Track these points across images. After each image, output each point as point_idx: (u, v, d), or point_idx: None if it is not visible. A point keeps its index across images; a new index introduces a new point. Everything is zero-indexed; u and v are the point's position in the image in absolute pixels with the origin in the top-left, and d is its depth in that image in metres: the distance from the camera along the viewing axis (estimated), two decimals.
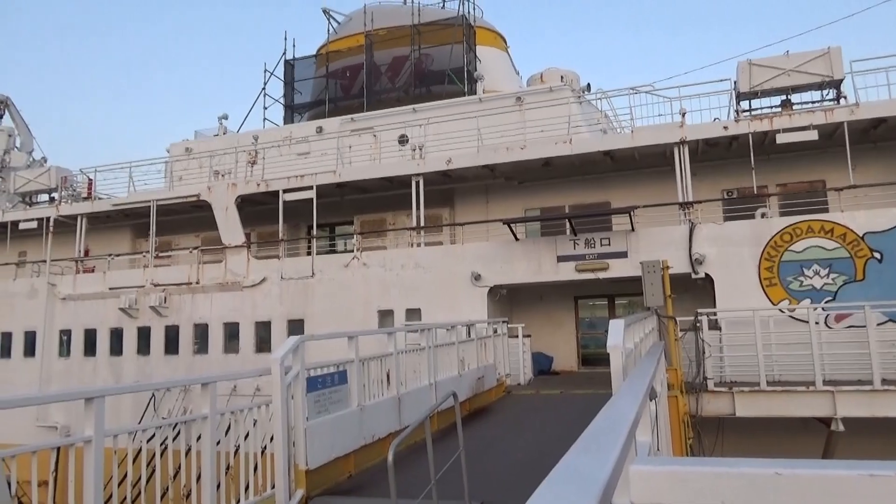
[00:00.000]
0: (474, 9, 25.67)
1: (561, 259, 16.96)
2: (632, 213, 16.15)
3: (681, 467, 1.70)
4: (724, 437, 13.64)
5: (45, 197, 26.61)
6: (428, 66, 24.60)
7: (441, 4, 26.67)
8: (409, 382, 9.67)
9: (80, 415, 4.54)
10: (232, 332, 20.09)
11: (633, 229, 16.43)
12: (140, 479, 5.22)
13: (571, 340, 19.36)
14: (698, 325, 13.67)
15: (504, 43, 27.16)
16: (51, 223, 23.37)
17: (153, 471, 5.76)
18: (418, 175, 18.98)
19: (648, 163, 18.22)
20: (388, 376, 8.96)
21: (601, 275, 16.61)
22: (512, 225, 17.35)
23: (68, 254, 23.46)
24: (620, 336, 5.76)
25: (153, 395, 18.92)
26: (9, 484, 7.01)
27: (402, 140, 21.64)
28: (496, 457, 8.32)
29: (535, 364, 17.26)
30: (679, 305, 13.92)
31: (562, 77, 21.26)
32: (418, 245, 18.85)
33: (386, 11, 26.27)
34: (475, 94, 22.04)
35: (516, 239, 17.53)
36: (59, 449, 5.07)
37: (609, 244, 16.65)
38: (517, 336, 16.39)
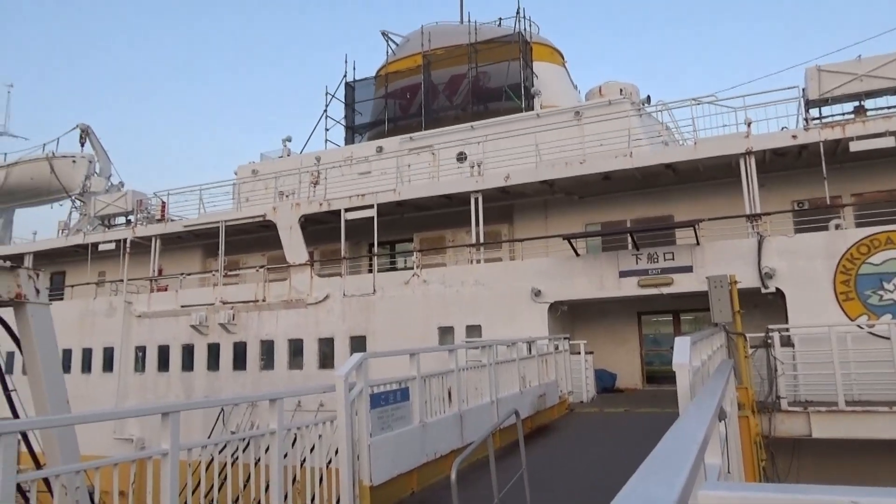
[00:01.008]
0: (530, 25, 25.75)
1: (623, 274, 16.66)
2: (696, 226, 15.75)
3: (752, 493, 1.67)
4: (801, 460, 13.03)
5: (122, 219, 27.99)
6: (485, 84, 24.76)
7: (497, 22, 26.87)
8: (470, 399, 9.68)
9: (154, 428, 4.76)
10: (296, 349, 20.54)
11: (697, 243, 16.01)
12: (212, 488, 5.41)
13: (635, 357, 18.94)
14: (769, 341, 13.16)
15: (561, 58, 27.09)
16: (127, 244, 24.53)
17: (224, 481, 5.96)
18: (477, 192, 19.06)
19: (713, 175, 17.76)
20: (449, 393, 8.99)
21: (665, 290, 16.23)
22: (572, 240, 17.18)
23: (143, 273, 24.55)
24: (687, 353, 5.62)
25: (222, 409, 19.50)
26: (91, 495, 7.33)
27: (461, 157, 21.80)
28: (559, 476, 8.21)
29: (598, 381, 16.95)
30: (748, 321, 13.43)
31: (621, 90, 21.02)
32: (478, 261, 18.87)
33: (443, 31, 26.63)
34: (533, 109, 22.03)
35: (577, 254, 17.34)
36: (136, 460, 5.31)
37: (673, 259, 16.27)
38: (579, 353, 16.17)
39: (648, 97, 21.60)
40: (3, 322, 10.61)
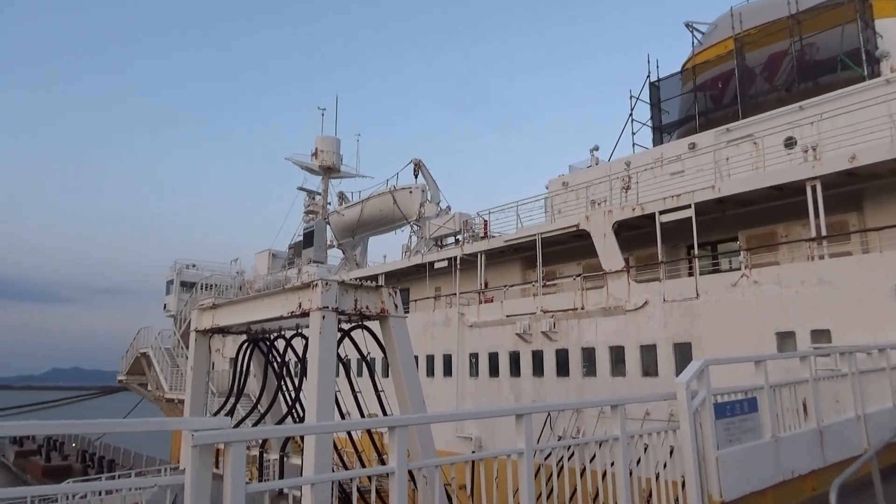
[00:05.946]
0: None
1: None
2: None
3: None
4: None
5: (451, 239, 31.12)
6: (812, 57, 21.87)
7: None
8: (828, 414, 8.51)
9: (487, 428, 5.12)
10: (617, 356, 20.38)
11: None
12: (552, 491, 5.65)
13: None
14: None
15: None
16: (457, 261, 27.12)
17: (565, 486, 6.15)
18: (814, 179, 16.77)
19: None
20: (804, 406, 8.03)
21: None
22: None
23: (471, 287, 26.87)
24: None
25: (549, 414, 20.24)
26: (446, 487, 8.19)
27: (789, 143, 19.51)
28: None
29: None
30: None
31: None
32: (820, 257, 16.59)
33: (756, 8, 24.28)
34: (879, 76, 18.73)
35: None
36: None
37: None
38: None
39: None
40: (372, 332, 12.56)
